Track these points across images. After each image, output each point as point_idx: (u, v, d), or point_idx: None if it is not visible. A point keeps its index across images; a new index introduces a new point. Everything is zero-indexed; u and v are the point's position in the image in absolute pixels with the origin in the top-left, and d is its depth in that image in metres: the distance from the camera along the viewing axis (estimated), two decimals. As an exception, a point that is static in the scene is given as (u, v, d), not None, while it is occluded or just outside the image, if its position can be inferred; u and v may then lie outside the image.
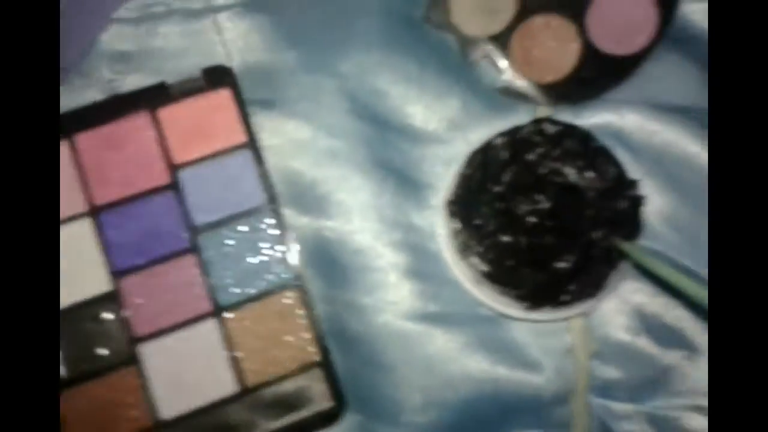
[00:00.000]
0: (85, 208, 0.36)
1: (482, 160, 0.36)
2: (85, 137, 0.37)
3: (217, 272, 0.36)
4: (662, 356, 0.37)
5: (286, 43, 0.38)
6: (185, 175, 0.37)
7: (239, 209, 0.37)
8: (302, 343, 0.36)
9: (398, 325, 0.36)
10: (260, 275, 0.36)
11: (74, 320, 0.35)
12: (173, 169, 0.37)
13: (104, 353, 0.35)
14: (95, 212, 0.36)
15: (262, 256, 0.36)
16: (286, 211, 0.37)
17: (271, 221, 0.37)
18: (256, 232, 0.37)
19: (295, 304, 0.36)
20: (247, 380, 0.35)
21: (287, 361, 0.36)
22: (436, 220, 0.37)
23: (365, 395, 0.36)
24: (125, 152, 0.37)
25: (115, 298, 0.35)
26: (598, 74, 0.38)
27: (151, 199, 0.36)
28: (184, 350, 0.35)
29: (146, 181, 0.36)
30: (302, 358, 0.36)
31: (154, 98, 0.37)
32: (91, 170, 0.36)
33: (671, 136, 0.38)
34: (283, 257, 0.36)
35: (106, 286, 0.36)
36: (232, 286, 0.36)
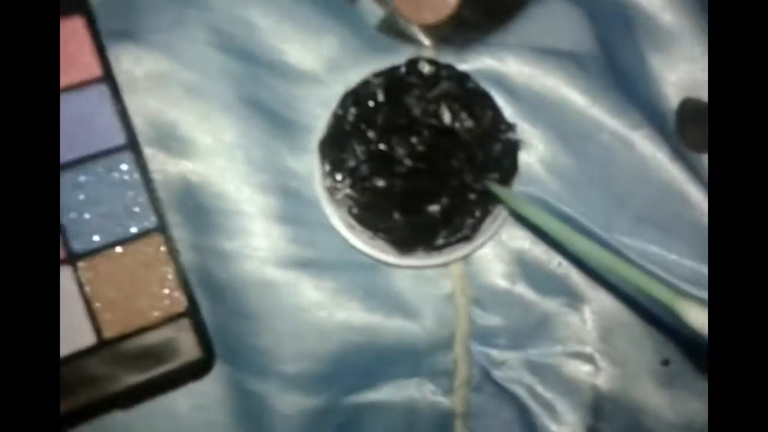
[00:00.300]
0: None
1: (356, 100, 0.34)
2: None
3: (70, 217, 0.33)
4: (542, 303, 0.37)
5: (146, -33, 0.35)
6: (33, 111, 0.34)
7: (95, 149, 0.34)
8: (167, 292, 0.34)
9: (267, 272, 0.35)
10: (119, 221, 0.34)
11: None
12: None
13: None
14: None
15: (121, 200, 0.34)
16: (147, 151, 0.35)
17: (130, 163, 0.34)
18: (114, 174, 0.34)
19: (157, 251, 0.34)
20: (106, 332, 0.33)
21: (151, 311, 0.34)
22: (314, 163, 0.35)
23: (234, 346, 0.35)
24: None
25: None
26: (480, 16, 0.37)
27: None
28: (35, 301, 0.33)
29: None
30: (167, 308, 0.34)
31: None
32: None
33: (552, 81, 0.37)
34: (144, 202, 0.34)
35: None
36: (88, 232, 0.34)
